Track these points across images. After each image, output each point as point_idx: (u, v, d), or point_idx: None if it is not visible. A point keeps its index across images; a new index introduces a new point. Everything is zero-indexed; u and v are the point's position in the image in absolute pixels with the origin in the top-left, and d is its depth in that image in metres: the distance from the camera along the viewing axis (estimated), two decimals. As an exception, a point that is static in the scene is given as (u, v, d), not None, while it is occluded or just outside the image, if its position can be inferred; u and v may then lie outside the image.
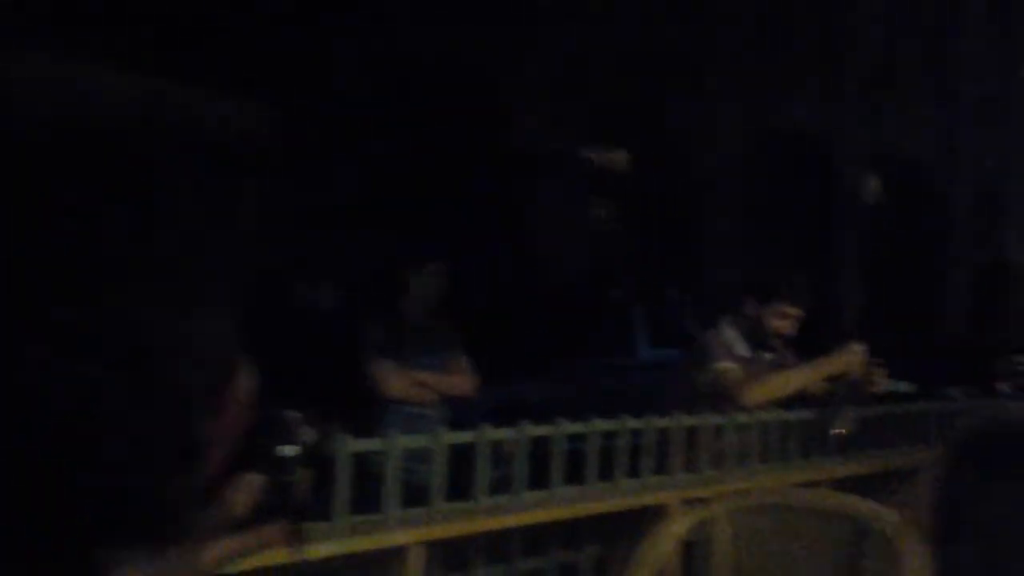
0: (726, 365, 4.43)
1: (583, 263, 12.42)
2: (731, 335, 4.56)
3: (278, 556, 1.03)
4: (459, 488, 3.40)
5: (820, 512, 3.40)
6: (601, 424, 3.73)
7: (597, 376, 9.70)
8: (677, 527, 3.43)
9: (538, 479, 3.60)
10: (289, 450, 0.80)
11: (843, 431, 4.48)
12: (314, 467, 0.81)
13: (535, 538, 3.69)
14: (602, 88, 12.25)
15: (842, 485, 4.27)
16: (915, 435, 5.07)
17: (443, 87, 11.21)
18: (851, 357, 4.60)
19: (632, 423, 3.87)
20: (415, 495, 3.26)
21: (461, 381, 4.91)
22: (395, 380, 4.52)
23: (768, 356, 4.59)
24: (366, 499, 3.10)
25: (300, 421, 0.81)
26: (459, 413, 4.59)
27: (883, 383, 4.68)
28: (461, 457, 3.40)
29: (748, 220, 14.08)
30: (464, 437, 3.44)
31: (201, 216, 0.62)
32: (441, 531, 3.26)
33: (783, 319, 4.59)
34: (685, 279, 11.97)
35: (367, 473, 3.13)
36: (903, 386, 12.72)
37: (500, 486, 3.52)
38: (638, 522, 3.70)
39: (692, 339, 4.88)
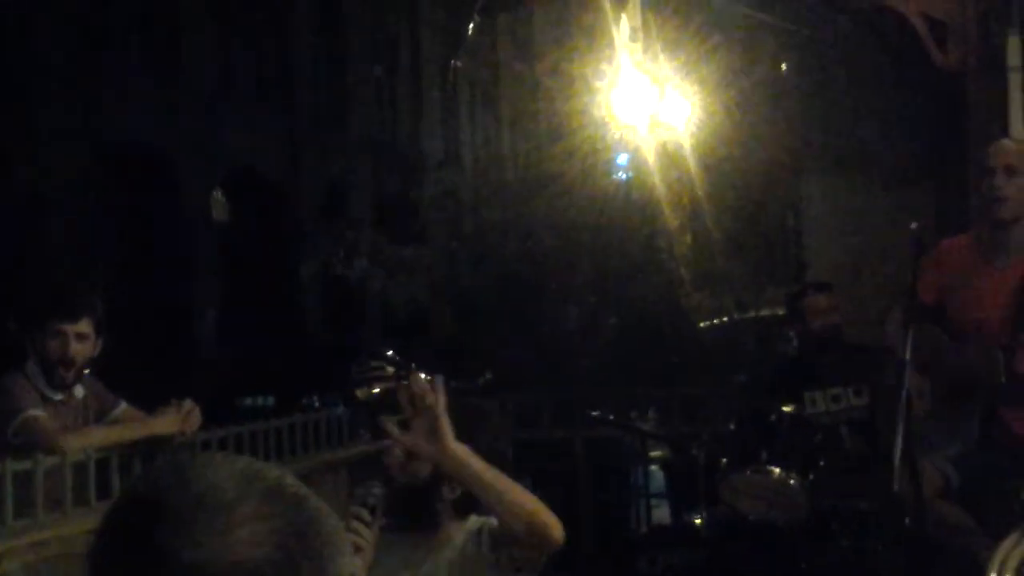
0: (35, 414, 4.00)
1: None
2: (36, 373, 4.21)
3: None
4: None
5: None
6: None
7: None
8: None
9: None
10: None
11: None
12: None
13: None
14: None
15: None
16: (280, 449, 5.16)
17: None
18: (178, 417, 4.39)
19: None
20: None
21: None
22: None
23: (80, 394, 4.32)
24: None
25: None
26: None
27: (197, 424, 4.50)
28: None
29: (87, 238, 13.55)
30: None
31: None
32: None
33: (70, 339, 4.08)
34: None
35: None
36: (262, 400, 12.94)
37: None
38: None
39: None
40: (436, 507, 2.84)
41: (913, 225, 3.51)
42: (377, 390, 7.51)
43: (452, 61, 20.26)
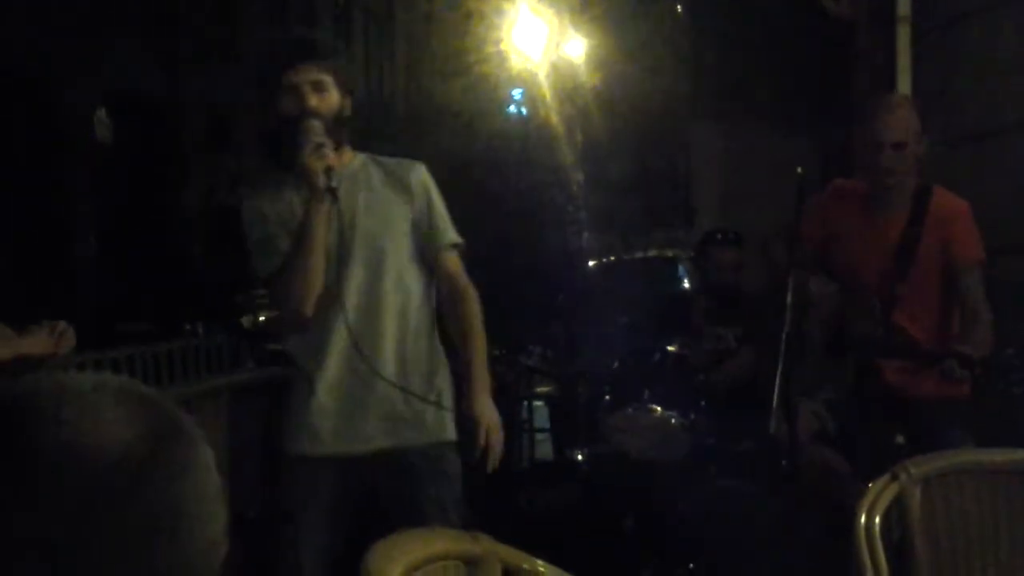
0: None
1: None
2: None
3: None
4: None
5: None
6: None
7: None
8: None
9: None
10: None
11: None
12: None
13: None
14: None
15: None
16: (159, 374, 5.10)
17: None
18: (50, 338, 4.22)
19: None
20: None
21: None
22: None
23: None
24: None
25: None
26: None
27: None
28: None
29: None
30: None
31: None
32: None
33: None
34: None
35: None
36: (141, 326, 12.70)
37: None
38: None
39: None
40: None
41: (799, 170, 3.53)
42: (263, 318, 7.37)
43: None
